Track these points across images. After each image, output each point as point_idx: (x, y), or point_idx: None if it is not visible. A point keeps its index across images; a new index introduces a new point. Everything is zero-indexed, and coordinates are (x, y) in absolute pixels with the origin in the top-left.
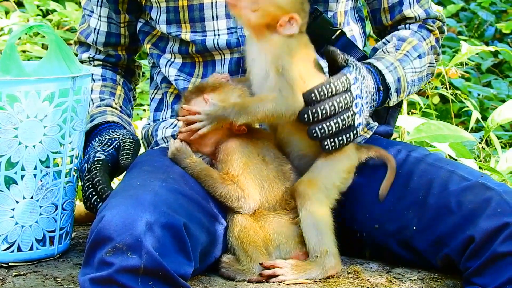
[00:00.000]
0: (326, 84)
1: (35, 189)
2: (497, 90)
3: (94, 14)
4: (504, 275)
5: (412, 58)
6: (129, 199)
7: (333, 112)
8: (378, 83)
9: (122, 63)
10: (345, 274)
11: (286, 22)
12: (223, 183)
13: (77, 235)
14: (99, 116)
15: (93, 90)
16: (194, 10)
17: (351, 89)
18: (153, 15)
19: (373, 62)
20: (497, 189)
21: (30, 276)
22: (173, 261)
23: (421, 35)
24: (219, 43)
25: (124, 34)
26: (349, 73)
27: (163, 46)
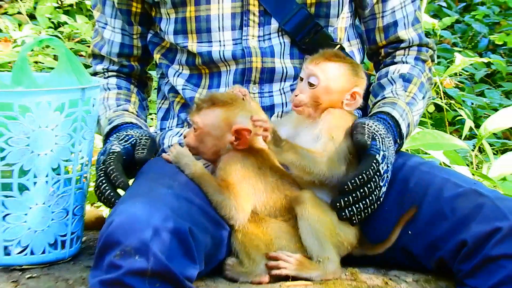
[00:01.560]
0: (359, 175)
1: (47, 196)
2: (490, 100)
3: (108, 26)
4: (495, 277)
5: (418, 100)
6: (136, 205)
7: (364, 195)
8: (395, 137)
9: (135, 74)
10: (343, 276)
11: (349, 99)
12: (219, 191)
13: (87, 239)
14: (117, 119)
15: (109, 97)
16: (201, 21)
17: (379, 168)
18: (162, 26)
19: (390, 112)
20: (489, 195)
21: (43, 278)
22: (179, 264)
23: (419, 69)
24: (224, 54)
25: (137, 45)
26: (377, 154)
27: (171, 57)
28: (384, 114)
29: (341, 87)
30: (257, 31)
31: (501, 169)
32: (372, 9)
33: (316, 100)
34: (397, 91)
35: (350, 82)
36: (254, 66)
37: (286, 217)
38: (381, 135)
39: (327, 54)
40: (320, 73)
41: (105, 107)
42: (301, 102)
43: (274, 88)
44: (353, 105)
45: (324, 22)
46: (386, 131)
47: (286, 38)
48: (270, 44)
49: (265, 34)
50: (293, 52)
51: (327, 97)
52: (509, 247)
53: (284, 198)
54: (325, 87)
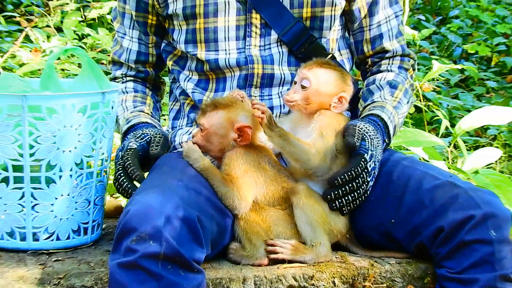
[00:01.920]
0: (348, 172)
1: (71, 188)
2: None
3: (127, 36)
4: (469, 259)
5: (403, 105)
6: (150, 195)
7: (352, 189)
8: (384, 137)
9: (150, 79)
10: (333, 259)
11: (337, 102)
12: (224, 183)
13: (107, 226)
14: (134, 119)
15: (127, 100)
16: (209, 32)
17: (367, 166)
18: (175, 36)
19: (380, 114)
20: (463, 186)
21: (67, 261)
22: (188, 248)
23: (403, 77)
24: (230, 62)
25: (152, 53)
26: (365, 152)
27: (182, 64)
28: (374, 116)
29: (329, 91)
30: (259, 41)
31: (474, 163)
32: (360, 23)
33: (307, 101)
34: (385, 96)
35: (338, 87)
36: (255, 72)
37: (283, 206)
38: (371, 136)
39: (319, 61)
40: (312, 77)
41: (123, 108)
42: (293, 98)
43: (273, 92)
44: (339, 108)
45: (318, 34)
46: (375, 132)
47: (284, 47)
48: (270, 53)
49: (266, 44)
50: (290, 60)
51: (317, 99)
52: (481, 232)
53: (281, 190)
54: (315, 89)
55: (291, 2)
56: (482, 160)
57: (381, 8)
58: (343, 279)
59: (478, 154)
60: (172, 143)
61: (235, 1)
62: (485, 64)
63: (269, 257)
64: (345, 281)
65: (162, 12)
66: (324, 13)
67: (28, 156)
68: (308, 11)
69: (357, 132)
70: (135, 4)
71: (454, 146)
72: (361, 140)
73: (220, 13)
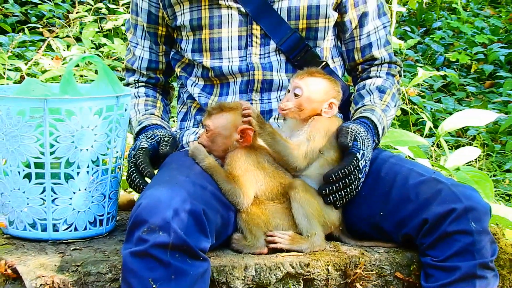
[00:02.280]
0: (342, 169)
1: (88, 183)
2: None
3: (139, 46)
4: (451, 248)
5: (391, 108)
6: (160, 190)
7: (345, 185)
8: (374, 137)
9: (160, 84)
10: (327, 248)
11: (327, 108)
12: (228, 181)
13: (120, 218)
14: (145, 121)
15: (139, 103)
16: (214, 42)
17: (359, 164)
18: (183, 46)
19: (370, 117)
20: (446, 182)
21: (84, 250)
22: (195, 239)
23: (390, 82)
24: (232, 69)
25: (162, 61)
26: (357, 152)
27: (189, 71)
28: (365, 118)
29: (320, 98)
30: (259, 50)
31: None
32: (351, 33)
33: (300, 108)
34: (374, 100)
35: (328, 94)
36: (256, 78)
37: (281, 200)
38: (362, 136)
39: (310, 70)
40: (304, 85)
41: (136, 111)
42: (286, 107)
43: (272, 96)
44: (330, 112)
45: (313, 43)
46: (366, 133)
47: (282, 56)
48: (269, 61)
49: (265, 53)
50: (287, 67)
51: (309, 106)
52: (462, 224)
53: (279, 185)
54: (307, 97)
55: (288, 15)
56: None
57: (370, 19)
58: (336, 266)
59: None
60: (180, 142)
61: (237, 14)
62: (465, 71)
63: (268, 247)
64: (337, 268)
65: (171, 24)
66: (318, 24)
67: (48, 154)
68: (304, 23)
69: (350, 133)
70: (147, 17)
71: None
72: (353, 141)
73: (224, 24)
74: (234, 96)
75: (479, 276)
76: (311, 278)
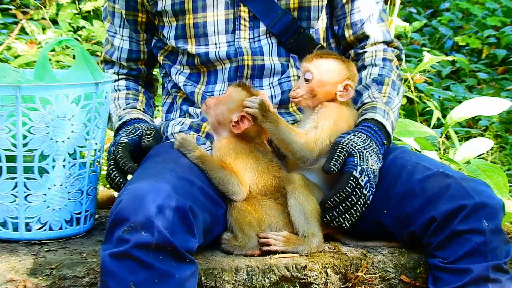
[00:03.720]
0: (337, 194)
1: (64, 178)
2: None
3: (118, 35)
4: (461, 249)
5: (393, 98)
6: (143, 185)
7: (347, 208)
8: (382, 140)
9: (143, 76)
10: (326, 249)
11: (342, 90)
12: (221, 168)
13: (100, 216)
14: (126, 115)
15: (119, 97)
16: (199, 27)
17: (359, 182)
18: (165, 32)
19: (373, 117)
20: (455, 176)
21: (60, 251)
22: (180, 238)
23: (388, 69)
24: (220, 55)
25: (143, 50)
26: (353, 169)
27: (173, 59)
28: (367, 121)
29: (333, 80)
30: (248, 34)
31: (465, 153)
32: (342, 8)
33: (312, 93)
34: (373, 95)
35: (341, 75)
36: (246, 63)
37: (275, 196)
38: (359, 149)
39: (319, 52)
40: (314, 68)
41: (116, 106)
42: (298, 94)
43: (264, 82)
44: (346, 96)
45: (306, 24)
46: (367, 140)
47: (273, 39)
48: (259, 45)
49: (255, 36)
50: (280, 51)
51: (321, 89)
52: (473, 222)
53: (273, 179)
54: (318, 80)
55: None
56: (474, 150)
57: None
58: (335, 269)
59: (469, 145)
60: (164, 134)
61: None
62: (476, 56)
63: (262, 249)
64: (337, 271)
65: (152, 10)
66: (311, 3)
67: (21, 146)
68: (295, 2)
69: (339, 152)
70: (124, 3)
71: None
72: (347, 157)
73: (209, 8)
74: (223, 84)
75: (492, 279)
76: (308, 282)
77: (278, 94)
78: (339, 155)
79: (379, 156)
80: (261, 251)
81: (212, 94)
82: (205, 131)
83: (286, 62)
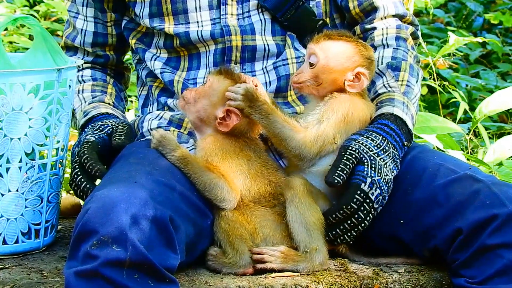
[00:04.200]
0: (340, 209)
1: (20, 182)
2: (485, 81)
3: (80, 15)
4: (492, 267)
5: (413, 86)
6: (114, 191)
7: (354, 225)
8: (402, 140)
9: (111, 64)
10: (331, 267)
11: (353, 79)
12: (207, 170)
13: (63, 228)
14: (93, 110)
15: (84, 90)
16: (177, 2)
17: (369, 196)
18: (137, 11)
19: (392, 111)
20: (485, 181)
21: (15, 269)
22: (159, 254)
23: (403, 50)
24: (203, 35)
25: (111, 33)
26: (362, 181)
27: (148, 41)
28: (384, 118)
29: (341, 66)
30: (236, 9)
31: (497, 153)
32: None
33: (316, 80)
34: (389, 84)
35: (352, 61)
36: (234, 45)
37: (271, 204)
38: (371, 156)
39: (328, 32)
40: (320, 51)
41: (80, 100)
42: (300, 79)
43: (256, 67)
44: (357, 86)
45: None
46: (382, 144)
47: (267, 14)
48: (250, 22)
49: (245, 12)
50: (274, 29)
51: (327, 76)
52: (506, 235)
53: (269, 184)
54: (324, 65)
55: None
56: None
57: None
58: None
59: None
60: (139, 130)
61: None
62: (511, 36)
63: (255, 267)
64: None
65: None
66: None
67: None
68: None
69: (345, 161)
70: None
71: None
72: (356, 165)
73: None
74: (208, 69)
75: None
76: None
77: (273, 81)
78: (346, 163)
79: (396, 162)
80: (255, 269)
81: (195, 82)
82: (187, 127)
83: (283, 42)
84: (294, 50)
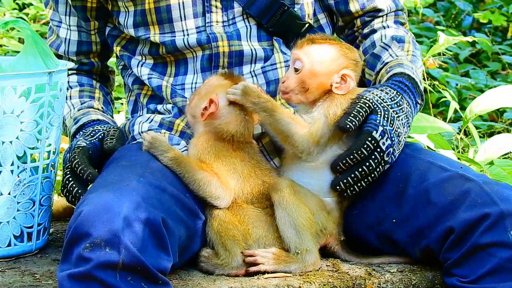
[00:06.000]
0: (350, 155)
1: (12, 185)
2: (475, 80)
3: (63, 24)
4: (484, 266)
5: (418, 57)
6: (106, 194)
7: (365, 175)
8: (416, 98)
9: (96, 70)
10: (323, 267)
11: (339, 81)
12: (200, 169)
13: (55, 231)
14: (83, 117)
15: (72, 96)
16: (162, 12)
17: (380, 145)
18: (121, 20)
19: (403, 71)
20: (476, 180)
21: (8, 272)
22: (151, 256)
23: (403, 30)
24: (189, 42)
25: (95, 41)
26: (375, 130)
27: (133, 49)
28: (398, 76)
29: (326, 69)
30: (221, 16)
31: (488, 152)
32: None
33: (303, 86)
34: (396, 53)
35: (337, 63)
36: (221, 50)
37: (264, 204)
38: (385, 107)
39: (312, 36)
40: (304, 56)
41: (69, 106)
42: (287, 88)
43: (244, 71)
44: (344, 88)
45: (289, 1)
46: (397, 97)
47: (252, 21)
48: (235, 28)
49: (230, 19)
50: (260, 35)
51: (313, 81)
52: (498, 234)
53: (262, 184)
54: (309, 70)
55: None
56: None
57: None
58: None
59: (493, 142)
60: (130, 133)
61: None
62: (500, 35)
63: (248, 271)
64: None
65: None
66: None
67: None
68: None
69: (358, 108)
70: None
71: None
72: (369, 114)
73: None
74: (196, 75)
75: None
76: None
77: (262, 85)
78: (360, 110)
79: (409, 119)
80: (247, 270)
81: (183, 87)
82: (178, 129)
83: (270, 46)
84: (282, 54)
